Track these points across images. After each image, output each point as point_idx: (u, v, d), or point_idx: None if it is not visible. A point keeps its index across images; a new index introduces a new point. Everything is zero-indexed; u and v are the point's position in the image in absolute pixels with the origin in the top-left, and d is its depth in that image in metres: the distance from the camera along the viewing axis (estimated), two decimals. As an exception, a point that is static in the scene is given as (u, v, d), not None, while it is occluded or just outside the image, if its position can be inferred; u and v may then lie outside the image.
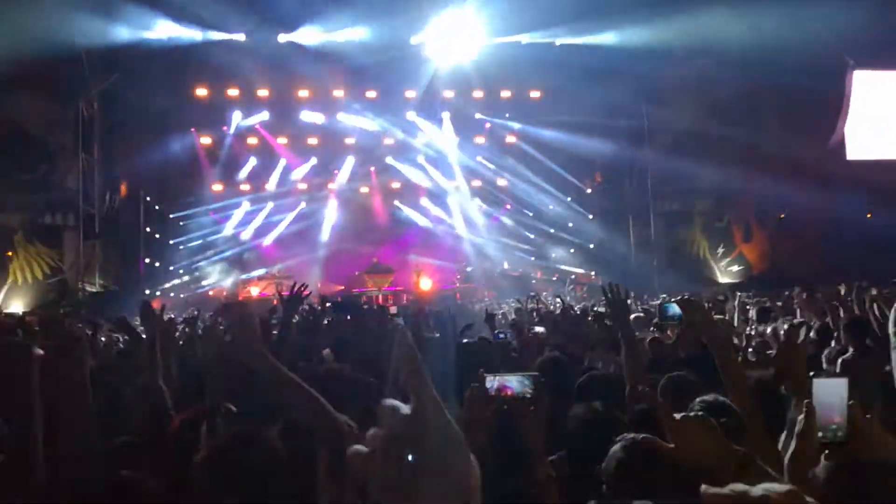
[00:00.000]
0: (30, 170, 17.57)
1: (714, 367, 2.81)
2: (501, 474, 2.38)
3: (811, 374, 2.23)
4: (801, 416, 2.06)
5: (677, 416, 1.78)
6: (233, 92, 20.38)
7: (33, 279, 17.42)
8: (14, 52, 17.01)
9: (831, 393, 2.05)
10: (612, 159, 21.25)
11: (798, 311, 7.52)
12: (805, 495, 1.39)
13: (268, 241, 22.24)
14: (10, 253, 17.27)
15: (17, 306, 16.65)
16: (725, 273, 20.12)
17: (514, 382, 2.38)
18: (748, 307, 8.39)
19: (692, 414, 1.85)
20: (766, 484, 1.40)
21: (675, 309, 4.53)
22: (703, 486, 1.38)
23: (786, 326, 5.51)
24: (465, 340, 5.87)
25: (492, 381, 2.37)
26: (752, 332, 6.81)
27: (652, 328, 6.71)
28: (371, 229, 22.77)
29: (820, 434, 2.01)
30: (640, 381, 3.25)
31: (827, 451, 1.96)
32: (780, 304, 8.91)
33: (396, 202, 23.36)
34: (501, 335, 6.54)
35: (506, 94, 21.28)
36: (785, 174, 19.63)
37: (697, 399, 2.51)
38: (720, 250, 20.30)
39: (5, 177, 17.28)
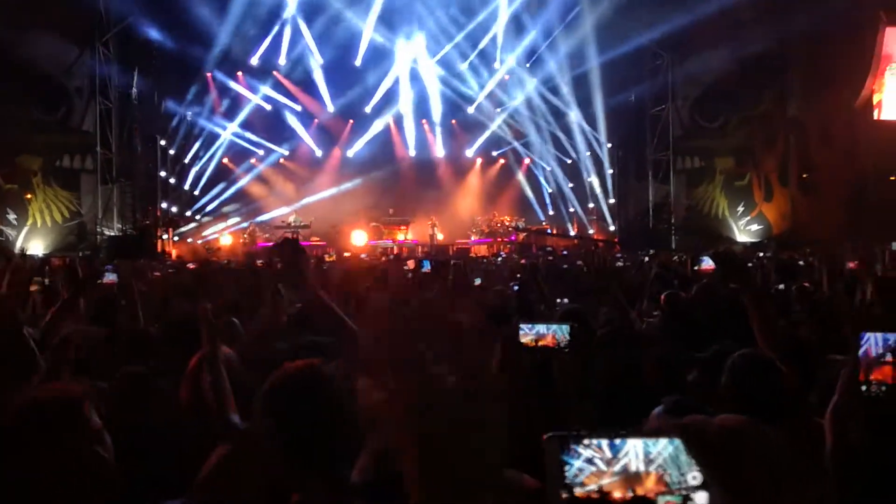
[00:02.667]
0: (49, 111, 17.52)
1: (730, 323, 2.75)
2: (536, 421, 2.37)
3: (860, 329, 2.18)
4: (846, 370, 2.02)
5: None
6: (253, 38, 20.11)
7: (52, 221, 17.53)
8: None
9: (877, 349, 2.01)
10: (635, 113, 20.91)
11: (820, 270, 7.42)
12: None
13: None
14: (29, 195, 17.36)
15: (37, 247, 16.83)
16: (744, 232, 19.92)
17: (552, 331, 2.35)
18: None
19: None
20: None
21: (708, 262, 4.46)
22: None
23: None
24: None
25: (528, 330, 2.34)
26: (773, 291, 6.74)
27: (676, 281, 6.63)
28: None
29: (863, 388, 1.97)
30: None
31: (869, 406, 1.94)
32: (801, 262, 8.80)
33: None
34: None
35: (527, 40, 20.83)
36: (810, 133, 19.31)
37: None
38: (740, 209, 20.06)
39: (25, 117, 17.26)
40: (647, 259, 10.87)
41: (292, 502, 1.76)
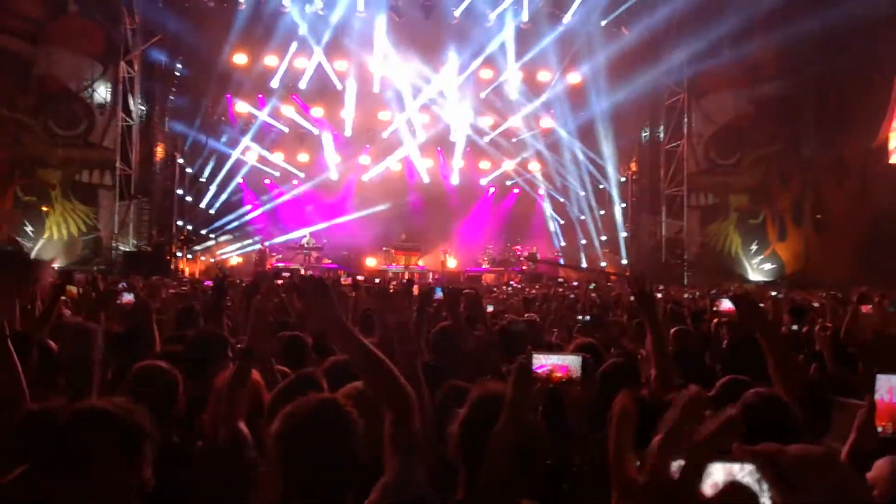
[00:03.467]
0: (70, 127, 17.80)
1: (744, 361, 2.75)
2: (547, 454, 2.36)
3: (875, 370, 2.19)
4: (863, 411, 2.03)
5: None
6: (271, 60, 20.38)
7: (69, 235, 17.71)
8: (59, 9, 17.37)
9: (892, 390, 2.01)
10: (649, 149, 21.01)
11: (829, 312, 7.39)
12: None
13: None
14: (46, 208, 17.56)
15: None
16: (757, 271, 19.84)
17: (566, 363, 2.35)
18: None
19: None
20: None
21: (727, 303, 4.48)
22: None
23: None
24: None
25: (542, 361, 2.34)
26: (786, 331, 6.70)
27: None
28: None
29: (879, 429, 1.97)
30: (666, 369, 3.20)
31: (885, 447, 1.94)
32: (815, 304, 8.75)
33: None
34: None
35: (544, 76, 21.03)
36: (823, 174, 19.31)
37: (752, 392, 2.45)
38: (753, 247, 20.00)
39: (46, 132, 17.54)
40: (658, 295, 10.82)
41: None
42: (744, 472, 0.95)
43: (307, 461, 1.88)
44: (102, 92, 18.10)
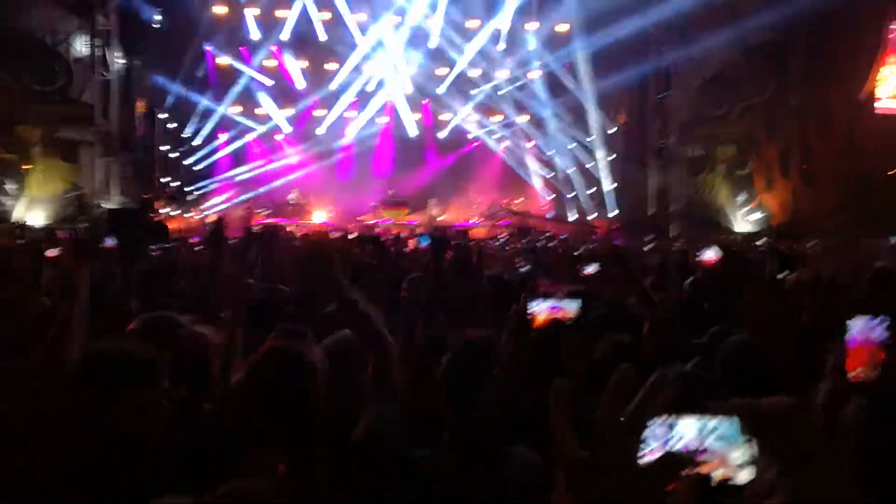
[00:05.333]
0: (48, 82, 17.38)
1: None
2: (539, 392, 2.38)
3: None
4: (832, 355, 2.04)
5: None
6: (252, 11, 19.93)
7: (51, 193, 17.45)
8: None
9: (865, 334, 2.01)
10: (637, 100, 20.86)
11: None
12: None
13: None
14: (26, 166, 17.25)
15: (37, 218, 16.78)
16: (744, 221, 19.92)
17: (564, 304, 2.34)
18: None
19: None
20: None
21: (710, 253, 4.50)
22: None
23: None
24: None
25: (539, 303, 2.33)
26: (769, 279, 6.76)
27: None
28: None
29: (850, 374, 1.98)
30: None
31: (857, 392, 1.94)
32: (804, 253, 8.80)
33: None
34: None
35: (531, 25, 20.73)
36: (811, 123, 19.25)
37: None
38: (740, 198, 20.04)
39: (24, 88, 17.13)
40: (646, 248, 10.86)
41: (279, 472, 1.82)
42: (715, 424, 0.94)
43: (270, 407, 1.90)
44: (79, 45, 17.64)
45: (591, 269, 5.84)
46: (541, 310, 2.38)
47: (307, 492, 1.83)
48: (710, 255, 4.36)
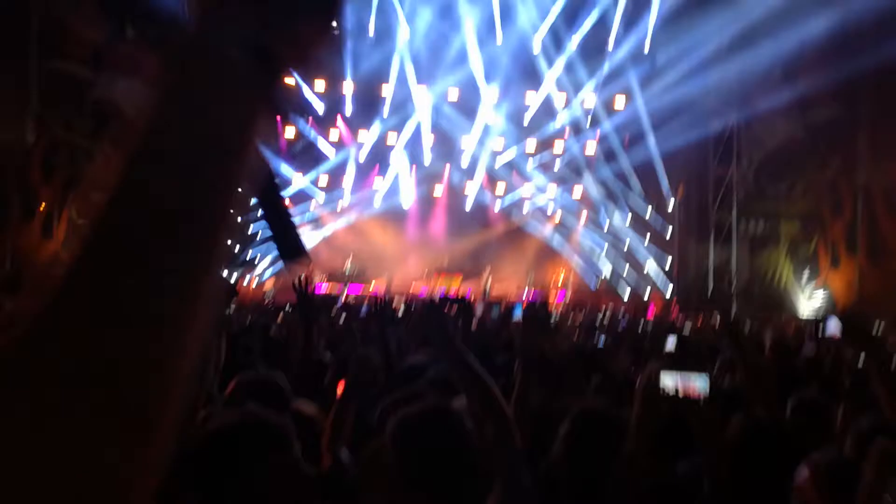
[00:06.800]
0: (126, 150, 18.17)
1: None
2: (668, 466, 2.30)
3: None
4: None
5: None
6: (318, 85, 20.74)
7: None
8: (118, 34, 17.85)
9: None
10: (698, 173, 20.74)
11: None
12: None
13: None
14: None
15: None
16: (809, 301, 19.34)
17: (692, 379, 2.26)
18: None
19: None
20: None
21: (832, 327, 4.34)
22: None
23: None
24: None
25: (671, 379, 2.25)
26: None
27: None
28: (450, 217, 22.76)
29: None
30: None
31: None
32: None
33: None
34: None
35: (589, 97, 21.00)
36: (879, 200, 18.82)
37: None
38: (805, 277, 19.52)
39: (105, 156, 17.92)
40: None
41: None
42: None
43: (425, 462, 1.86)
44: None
45: (671, 344, 5.72)
46: (669, 384, 2.29)
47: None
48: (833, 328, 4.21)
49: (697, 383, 2.28)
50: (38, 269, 16.04)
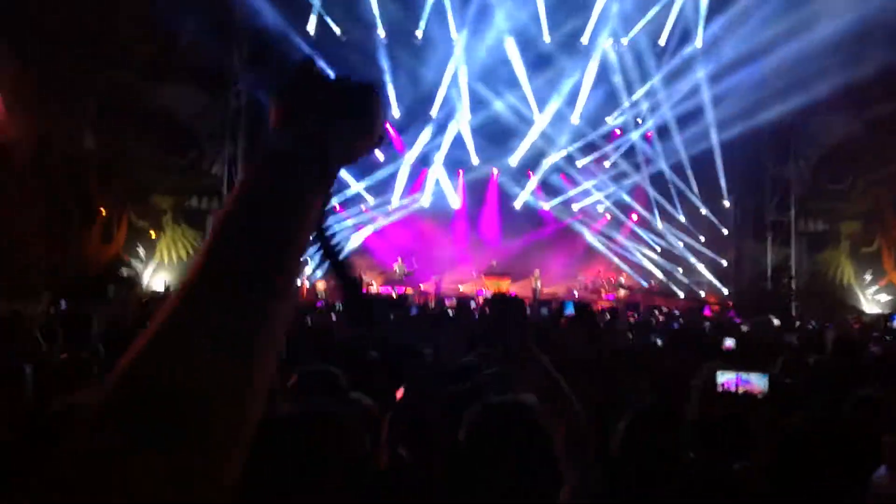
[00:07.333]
0: (180, 155, 18.72)
1: None
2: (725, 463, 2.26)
3: None
4: None
5: None
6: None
7: (178, 258, 18.54)
8: (171, 43, 18.38)
9: None
10: (754, 171, 20.23)
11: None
12: None
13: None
14: (153, 233, 18.45)
15: (159, 282, 17.82)
16: (872, 302, 18.68)
17: (752, 378, 2.21)
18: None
19: None
20: None
21: None
22: None
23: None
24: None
25: (728, 377, 2.21)
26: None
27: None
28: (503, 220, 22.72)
29: None
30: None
31: None
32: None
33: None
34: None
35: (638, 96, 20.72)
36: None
37: None
38: (867, 277, 18.85)
39: (159, 161, 18.51)
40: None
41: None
42: None
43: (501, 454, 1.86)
44: (211, 122, 18.99)
45: (729, 343, 5.61)
46: (728, 382, 2.25)
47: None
48: None
49: (758, 382, 2.23)
50: (99, 272, 16.59)
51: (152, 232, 18.43)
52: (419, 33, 20.20)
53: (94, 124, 17.07)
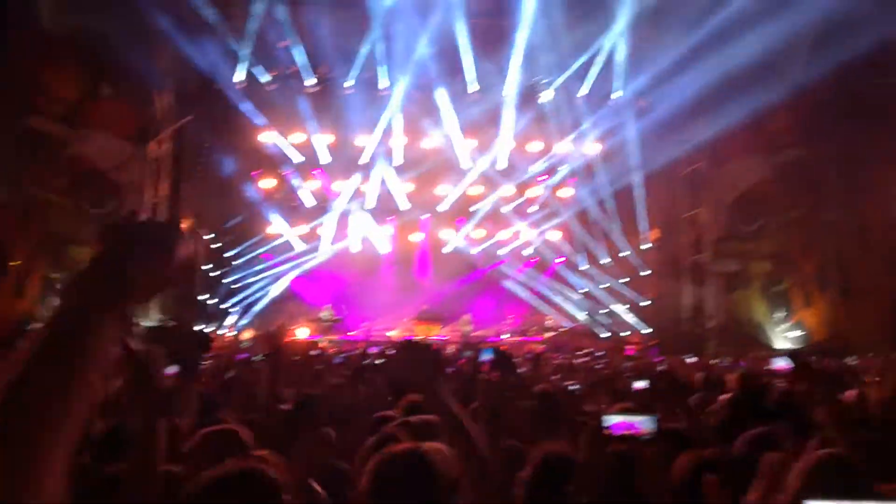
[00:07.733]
0: (99, 205, 18.22)
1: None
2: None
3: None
4: None
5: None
6: (298, 137, 21.02)
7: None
8: (93, 92, 18.06)
9: None
10: (670, 214, 21.10)
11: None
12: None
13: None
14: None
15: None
16: (783, 339, 19.56)
17: (639, 421, 2.34)
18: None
19: None
20: None
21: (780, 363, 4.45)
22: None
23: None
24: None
25: (613, 421, 2.34)
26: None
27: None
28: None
29: None
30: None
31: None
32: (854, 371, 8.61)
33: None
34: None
35: (564, 147, 21.42)
36: (849, 240, 19.19)
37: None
38: (777, 315, 19.79)
39: (79, 211, 17.96)
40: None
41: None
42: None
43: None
44: (131, 170, 18.61)
45: (640, 384, 5.80)
46: (616, 426, 2.39)
47: None
48: (782, 364, 4.30)
49: (643, 424, 2.37)
50: (10, 329, 15.81)
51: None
52: (348, 83, 20.45)
53: (10, 173, 16.50)
